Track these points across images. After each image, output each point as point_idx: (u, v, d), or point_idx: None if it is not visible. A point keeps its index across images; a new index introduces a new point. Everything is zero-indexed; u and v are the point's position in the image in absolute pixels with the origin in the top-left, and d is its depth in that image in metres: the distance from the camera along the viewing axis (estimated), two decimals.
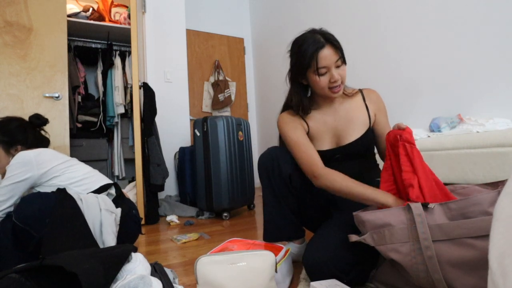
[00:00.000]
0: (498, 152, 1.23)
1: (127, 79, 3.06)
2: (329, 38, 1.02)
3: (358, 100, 1.16)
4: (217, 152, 2.30)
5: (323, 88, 1.04)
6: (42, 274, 0.75)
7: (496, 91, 1.63)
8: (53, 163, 1.33)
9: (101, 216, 1.19)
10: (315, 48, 1.01)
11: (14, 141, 1.41)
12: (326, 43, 1.01)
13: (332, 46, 1.01)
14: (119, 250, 0.90)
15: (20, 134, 1.44)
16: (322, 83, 1.03)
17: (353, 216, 0.90)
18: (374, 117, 1.15)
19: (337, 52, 1.01)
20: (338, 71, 1.03)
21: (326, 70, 1.02)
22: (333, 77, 1.02)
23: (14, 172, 1.27)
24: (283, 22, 3.43)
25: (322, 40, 1.01)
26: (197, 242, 1.69)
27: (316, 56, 1.00)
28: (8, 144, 1.40)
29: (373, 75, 2.35)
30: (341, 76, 1.03)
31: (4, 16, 2.09)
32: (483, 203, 0.69)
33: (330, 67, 1.01)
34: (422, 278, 0.74)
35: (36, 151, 1.33)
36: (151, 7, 3.00)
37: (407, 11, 2.08)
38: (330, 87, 1.04)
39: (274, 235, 1.15)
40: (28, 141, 1.45)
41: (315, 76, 1.03)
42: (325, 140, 1.14)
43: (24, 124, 1.46)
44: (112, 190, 1.40)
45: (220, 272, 0.85)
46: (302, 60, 1.04)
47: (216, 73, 3.82)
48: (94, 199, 1.24)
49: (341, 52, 1.03)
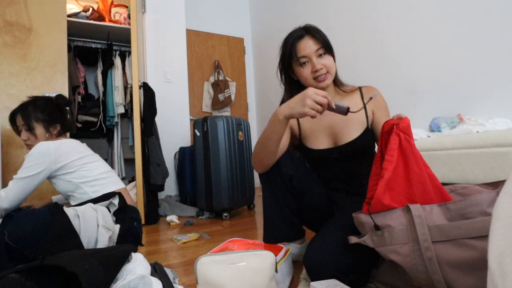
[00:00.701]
0: (498, 152, 1.23)
1: (127, 79, 3.06)
2: (309, 29, 1.06)
3: (356, 97, 1.14)
4: (217, 152, 2.30)
5: (307, 78, 1.06)
6: (42, 274, 0.75)
7: (496, 91, 1.63)
8: (70, 158, 1.34)
9: (97, 233, 1.15)
10: (294, 38, 1.05)
11: (55, 119, 1.42)
12: (305, 34, 1.05)
13: (312, 36, 1.04)
14: (119, 250, 0.90)
15: (59, 113, 1.45)
16: (304, 73, 1.06)
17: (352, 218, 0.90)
18: (372, 115, 1.12)
19: (317, 41, 1.04)
20: (321, 61, 1.04)
21: (306, 59, 1.04)
22: (314, 66, 1.03)
23: (31, 162, 1.28)
24: (283, 22, 3.43)
25: (300, 31, 1.06)
26: (197, 242, 1.69)
27: (295, 46, 1.05)
28: (49, 122, 1.41)
29: (373, 75, 2.35)
30: (326, 65, 1.04)
31: (4, 16, 2.09)
32: (482, 203, 0.69)
33: (311, 56, 1.03)
34: (422, 279, 0.74)
35: (57, 142, 1.34)
36: (151, 7, 3.00)
37: (407, 11, 2.08)
38: (314, 77, 1.05)
39: (274, 237, 1.15)
40: (65, 121, 1.47)
41: (298, 67, 1.06)
42: (320, 139, 1.13)
43: (58, 103, 1.47)
44: (116, 200, 1.36)
45: (220, 272, 0.85)
46: (284, 52, 1.08)
47: (216, 73, 3.82)
48: (93, 213, 1.20)
49: (322, 42, 1.04)
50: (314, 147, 1.13)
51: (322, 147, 1.12)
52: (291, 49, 1.05)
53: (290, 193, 1.12)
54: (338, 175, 1.16)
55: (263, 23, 3.91)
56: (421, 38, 1.99)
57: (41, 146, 1.30)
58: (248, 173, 2.49)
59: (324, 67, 1.04)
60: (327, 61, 1.04)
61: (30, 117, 1.37)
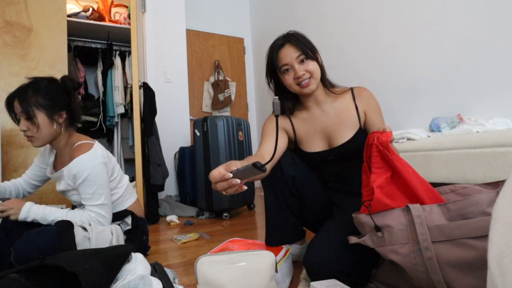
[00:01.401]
0: (498, 152, 1.23)
1: (127, 79, 3.06)
2: (289, 37, 1.07)
3: (348, 99, 1.15)
4: (217, 152, 2.30)
5: (291, 85, 1.08)
6: (42, 274, 0.75)
7: (496, 91, 1.63)
8: (113, 174, 1.28)
9: None
10: (274, 49, 1.08)
11: (59, 105, 1.21)
12: (285, 42, 1.06)
13: (291, 44, 1.05)
14: (119, 250, 0.90)
15: (64, 97, 1.23)
16: (288, 81, 1.07)
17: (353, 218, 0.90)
18: (364, 116, 1.12)
19: (297, 48, 1.04)
20: (303, 67, 1.04)
21: (288, 67, 1.06)
22: (296, 73, 1.04)
23: (95, 182, 1.17)
24: (283, 22, 3.43)
25: (281, 40, 1.07)
26: (197, 242, 1.69)
27: (276, 56, 1.07)
28: (52, 109, 1.19)
29: (373, 75, 2.35)
30: (308, 71, 1.05)
31: (4, 16, 2.09)
32: (482, 203, 0.69)
33: (292, 63, 1.05)
34: (422, 279, 0.74)
35: (99, 150, 1.22)
36: (151, 7, 3.00)
37: (407, 11, 2.08)
38: (297, 83, 1.06)
39: (276, 239, 1.15)
40: (72, 107, 1.25)
41: (282, 75, 1.08)
42: (315, 141, 1.14)
43: (65, 86, 1.25)
44: (129, 219, 1.32)
45: (220, 272, 0.85)
46: (268, 63, 1.11)
47: (216, 73, 3.82)
48: (109, 236, 1.14)
49: (302, 49, 1.04)
50: (309, 150, 1.14)
51: (318, 149, 1.13)
52: (272, 58, 1.08)
53: (292, 194, 1.12)
54: (336, 175, 1.16)
55: (263, 23, 3.91)
56: (421, 38, 1.99)
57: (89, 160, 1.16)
58: None
59: (307, 72, 1.04)
60: (310, 66, 1.05)
61: (29, 102, 1.15)
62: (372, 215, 0.82)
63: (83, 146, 1.22)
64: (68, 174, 1.17)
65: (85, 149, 1.20)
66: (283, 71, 1.07)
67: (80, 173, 1.15)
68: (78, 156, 1.17)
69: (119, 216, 1.29)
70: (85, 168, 1.16)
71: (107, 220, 1.20)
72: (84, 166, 1.16)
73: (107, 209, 1.21)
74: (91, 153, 1.19)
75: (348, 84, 1.21)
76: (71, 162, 1.17)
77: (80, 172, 1.15)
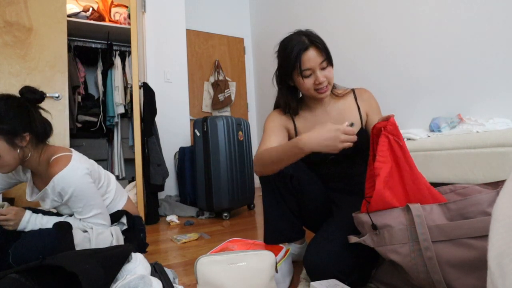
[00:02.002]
0: (498, 152, 1.23)
1: (127, 79, 3.06)
2: (313, 39, 1.02)
3: (350, 100, 1.16)
4: (217, 152, 2.30)
5: (308, 89, 1.05)
6: (42, 274, 0.75)
7: (496, 91, 1.63)
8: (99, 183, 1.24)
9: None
10: (299, 50, 1.01)
11: (19, 127, 1.06)
12: (310, 45, 1.01)
13: (317, 47, 1.02)
14: (119, 250, 0.90)
15: (24, 117, 1.08)
16: (307, 85, 1.04)
17: (353, 217, 0.90)
18: (366, 116, 1.14)
19: (321, 54, 1.02)
20: (324, 73, 1.03)
21: (310, 72, 1.03)
22: (317, 79, 1.02)
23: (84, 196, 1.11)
24: (283, 22, 3.43)
25: (307, 41, 1.02)
26: (197, 242, 1.69)
27: (300, 58, 1.01)
28: (11, 133, 1.05)
29: (373, 75, 2.35)
30: (327, 77, 1.03)
31: (4, 16, 2.09)
32: (482, 203, 0.69)
33: (315, 69, 1.02)
34: (422, 279, 0.74)
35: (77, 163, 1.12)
36: (151, 7, 3.00)
37: (407, 11, 2.08)
38: (315, 88, 1.04)
39: (275, 238, 1.15)
40: (35, 126, 1.11)
41: (300, 78, 1.04)
42: None
43: (23, 102, 1.10)
44: (124, 219, 1.29)
45: (220, 272, 0.85)
46: (287, 62, 1.05)
47: (216, 73, 3.82)
48: (109, 238, 1.14)
49: (326, 54, 1.03)
50: None
51: None
52: (295, 60, 1.02)
53: (290, 193, 1.12)
54: (336, 175, 1.17)
55: (263, 23, 3.91)
56: (421, 38, 1.99)
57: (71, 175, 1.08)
58: (248, 173, 2.49)
59: (326, 79, 1.04)
60: (329, 73, 1.04)
61: None
62: (372, 215, 0.82)
63: (59, 160, 1.12)
64: (53, 192, 1.11)
65: (63, 163, 1.10)
66: (305, 75, 1.03)
67: (65, 189, 1.08)
68: (57, 172, 1.07)
69: (114, 218, 1.27)
70: (68, 184, 1.08)
71: (106, 226, 1.20)
72: (67, 182, 1.08)
73: (103, 216, 1.19)
74: (70, 167, 1.10)
75: (348, 84, 1.22)
76: (52, 181, 1.08)
77: (64, 189, 1.08)
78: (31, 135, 1.10)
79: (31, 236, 1.02)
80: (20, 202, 1.99)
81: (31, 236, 1.02)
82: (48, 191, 1.12)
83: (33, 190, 1.24)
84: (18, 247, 0.98)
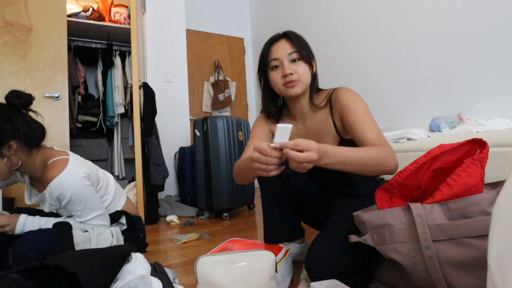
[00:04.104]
0: (498, 152, 1.23)
1: (127, 79, 3.06)
2: (288, 33, 1.02)
3: (326, 110, 1.07)
4: (217, 152, 2.30)
5: (277, 84, 1.01)
6: (42, 274, 0.75)
7: (496, 91, 1.63)
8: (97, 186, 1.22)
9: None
10: (270, 41, 1.03)
11: (4, 137, 1.02)
12: (282, 37, 1.02)
13: (288, 40, 1.00)
14: (119, 250, 0.90)
15: (7, 125, 1.03)
16: (275, 78, 1.01)
17: (353, 217, 0.90)
18: (341, 123, 1.02)
19: (292, 45, 0.99)
20: (293, 66, 0.98)
21: (278, 62, 1.00)
22: (284, 70, 0.98)
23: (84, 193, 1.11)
24: (283, 22, 3.43)
25: (280, 34, 1.03)
26: (197, 242, 1.69)
27: (269, 49, 1.02)
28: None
29: (373, 75, 2.35)
30: (297, 72, 0.98)
31: (4, 16, 2.09)
32: (482, 203, 0.69)
33: (282, 59, 0.99)
34: (422, 278, 0.74)
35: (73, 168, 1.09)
36: (151, 7, 3.00)
37: (408, 11, 2.08)
38: (283, 82, 0.99)
39: (274, 237, 1.15)
40: (21, 133, 1.05)
41: (270, 72, 1.02)
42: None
43: (5, 110, 1.04)
44: (123, 219, 1.29)
45: (220, 272, 0.85)
46: (261, 57, 1.05)
47: (216, 73, 3.82)
48: (109, 238, 1.14)
49: (299, 48, 0.99)
50: None
51: None
52: (264, 51, 1.02)
53: (288, 192, 1.12)
54: (330, 180, 1.15)
55: (263, 23, 3.92)
56: (422, 38, 1.99)
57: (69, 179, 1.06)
58: None
59: (296, 74, 0.98)
60: (300, 69, 0.98)
61: None
62: (373, 213, 0.82)
63: (56, 164, 1.09)
64: (51, 197, 1.09)
65: (60, 167, 1.08)
66: (272, 67, 1.01)
67: (63, 194, 1.07)
68: (54, 177, 1.05)
69: (113, 219, 1.27)
70: (66, 188, 1.06)
71: (106, 227, 1.20)
72: (64, 187, 1.06)
73: (103, 217, 1.19)
74: (68, 171, 1.07)
75: (349, 84, 1.21)
76: (49, 186, 1.06)
77: (62, 193, 1.07)
78: (18, 142, 1.05)
79: (31, 236, 1.02)
80: (20, 202, 1.99)
81: (31, 236, 1.02)
82: (45, 196, 1.10)
83: (31, 192, 1.23)
84: (18, 247, 0.99)
